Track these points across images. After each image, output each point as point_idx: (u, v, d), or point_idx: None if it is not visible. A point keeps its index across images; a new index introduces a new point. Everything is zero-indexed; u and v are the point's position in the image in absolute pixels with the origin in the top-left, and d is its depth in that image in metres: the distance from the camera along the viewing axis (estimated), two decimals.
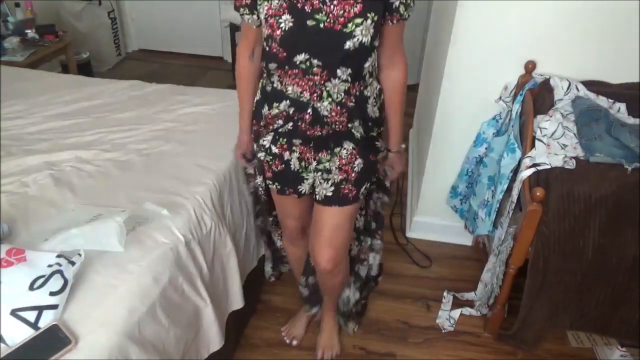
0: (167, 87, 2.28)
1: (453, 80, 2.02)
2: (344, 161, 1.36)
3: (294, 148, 1.36)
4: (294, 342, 1.88)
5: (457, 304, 2.07)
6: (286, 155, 1.38)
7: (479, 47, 1.92)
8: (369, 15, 1.17)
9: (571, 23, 1.80)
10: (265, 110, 1.36)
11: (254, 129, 1.45)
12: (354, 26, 1.16)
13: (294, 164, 1.39)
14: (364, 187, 1.43)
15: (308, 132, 1.31)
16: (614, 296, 1.64)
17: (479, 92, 2.01)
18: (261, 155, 1.43)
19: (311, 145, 1.34)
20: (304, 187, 1.43)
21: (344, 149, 1.35)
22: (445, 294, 2.11)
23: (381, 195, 1.69)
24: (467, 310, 2.03)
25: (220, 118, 1.95)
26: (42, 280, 1.06)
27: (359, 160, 1.37)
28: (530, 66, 1.86)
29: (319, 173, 1.39)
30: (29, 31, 3.23)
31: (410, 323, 2.00)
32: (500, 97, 1.97)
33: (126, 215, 1.27)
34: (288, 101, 1.29)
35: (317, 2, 1.15)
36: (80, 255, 1.14)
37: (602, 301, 1.66)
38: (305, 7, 1.16)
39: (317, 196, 1.42)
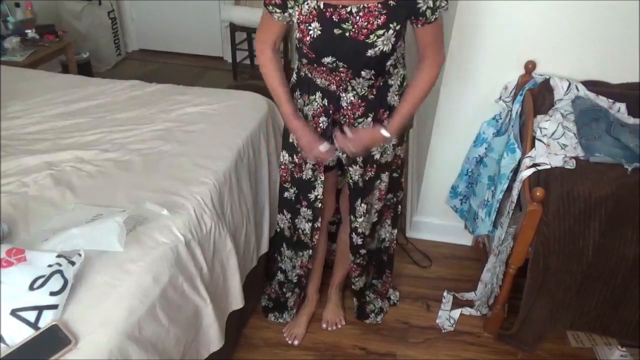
0: (167, 87, 2.28)
1: (453, 80, 2.02)
2: None
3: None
4: (296, 342, 1.88)
5: (457, 304, 2.08)
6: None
7: (479, 47, 1.92)
8: (391, 25, 1.23)
9: (571, 23, 1.80)
10: (297, 95, 1.49)
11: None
12: (375, 37, 1.23)
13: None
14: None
15: (334, 116, 1.45)
16: (614, 296, 1.64)
17: (479, 92, 2.01)
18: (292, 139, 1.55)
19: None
20: (329, 161, 1.56)
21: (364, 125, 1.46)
22: (445, 294, 2.11)
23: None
24: (467, 310, 2.03)
25: (220, 118, 1.95)
26: (42, 280, 1.06)
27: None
28: (530, 66, 1.86)
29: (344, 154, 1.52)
30: (29, 31, 3.23)
31: (410, 323, 2.00)
32: (500, 97, 1.97)
33: (126, 215, 1.27)
34: (320, 92, 1.42)
35: (344, 12, 1.22)
36: (80, 255, 1.14)
37: (602, 301, 1.66)
38: (333, 17, 1.23)
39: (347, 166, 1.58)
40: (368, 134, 1.42)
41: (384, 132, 1.40)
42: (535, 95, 1.83)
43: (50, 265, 1.09)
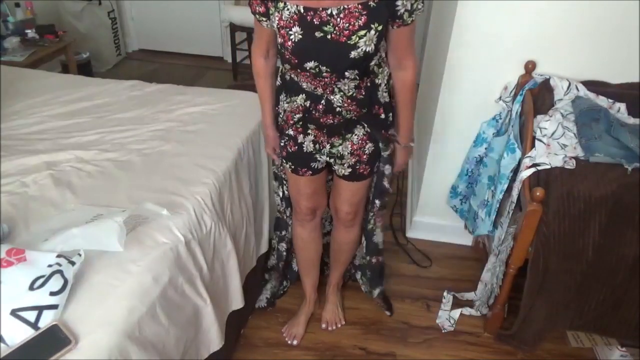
0: (167, 87, 2.28)
1: (453, 80, 2.02)
2: (355, 146, 1.49)
3: (309, 131, 1.49)
4: (295, 342, 1.88)
5: (457, 304, 2.07)
6: (300, 138, 1.51)
7: (479, 47, 1.92)
8: (372, 26, 1.22)
9: (571, 23, 1.80)
10: (283, 97, 1.48)
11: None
12: (357, 38, 1.22)
13: (307, 146, 1.52)
14: (376, 164, 1.58)
15: (321, 120, 1.42)
16: (614, 296, 1.64)
17: (479, 92, 2.01)
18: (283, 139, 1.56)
19: (324, 130, 1.47)
20: (317, 164, 1.56)
21: (355, 134, 1.47)
22: (445, 294, 2.11)
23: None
24: (467, 310, 2.03)
25: (220, 118, 1.95)
26: (42, 280, 1.06)
27: (369, 144, 1.50)
28: (530, 66, 1.86)
29: (333, 159, 1.53)
30: (29, 31, 3.23)
31: (410, 323, 2.00)
32: (500, 97, 1.97)
33: (126, 215, 1.27)
34: (304, 95, 1.40)
35: (324, 14, 1.21)
36: (80, 255, 1.14)
37: (602, 301, 1.66)
38: (314, 20, 1.22)
39: (337, 172, 1.59)
40: (397, 159, 1.57)
41: (403, 145, 1.53)
42: (535, 95, 1.83)
43: (50, 265, 1.09)
